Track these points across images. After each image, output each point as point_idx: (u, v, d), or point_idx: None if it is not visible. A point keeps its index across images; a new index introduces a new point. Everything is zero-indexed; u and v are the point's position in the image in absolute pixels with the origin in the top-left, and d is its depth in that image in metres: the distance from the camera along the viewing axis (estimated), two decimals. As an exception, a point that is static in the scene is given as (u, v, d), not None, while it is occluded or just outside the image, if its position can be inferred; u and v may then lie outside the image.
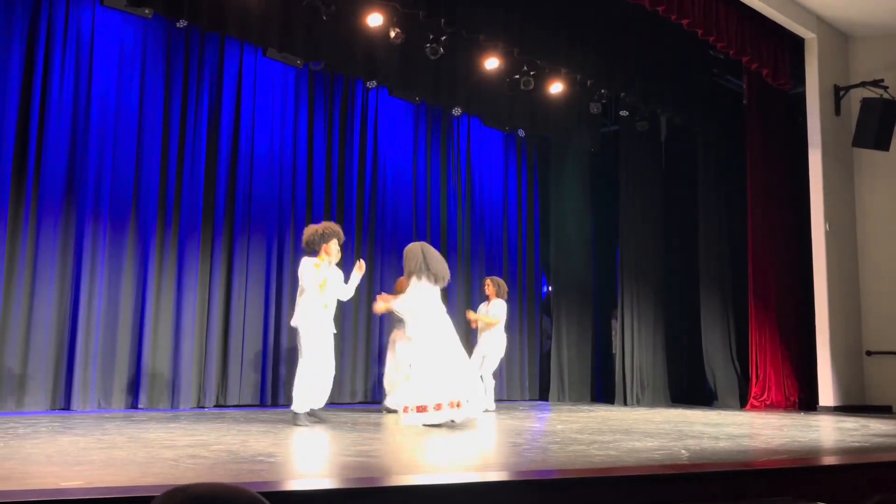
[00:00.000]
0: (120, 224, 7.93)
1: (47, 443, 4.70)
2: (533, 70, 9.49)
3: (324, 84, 9.67)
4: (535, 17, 8.67)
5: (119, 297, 7.85)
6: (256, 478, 3.53)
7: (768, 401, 9.71)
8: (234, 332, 8.56)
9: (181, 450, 4.44)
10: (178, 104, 8.42)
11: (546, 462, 4.36)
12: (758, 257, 9.99)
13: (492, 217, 11.52)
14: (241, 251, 8.71)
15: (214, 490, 1.43)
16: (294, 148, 9.31)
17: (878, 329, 9.89)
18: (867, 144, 9.66)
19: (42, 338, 7.31)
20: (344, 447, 4.97)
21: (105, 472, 3.59)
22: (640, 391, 10.65)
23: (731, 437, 5.89)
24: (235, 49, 8.88)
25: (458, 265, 10.91)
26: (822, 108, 9.83)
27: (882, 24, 10.00)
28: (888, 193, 10.05)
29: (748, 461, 4.52)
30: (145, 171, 8.13)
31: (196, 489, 1.43)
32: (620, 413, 8.83)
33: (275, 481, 3.52)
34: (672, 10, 8.18)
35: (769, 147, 10.18)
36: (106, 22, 7.98)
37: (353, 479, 3.59)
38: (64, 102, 7.65)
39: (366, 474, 3.76)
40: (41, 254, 7.40)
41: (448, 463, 4.44)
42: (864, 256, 10.09)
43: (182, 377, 8.11)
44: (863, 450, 5.10)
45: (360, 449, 4.78)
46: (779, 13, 9.26)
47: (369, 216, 10.01)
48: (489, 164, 11.61)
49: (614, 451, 4.71)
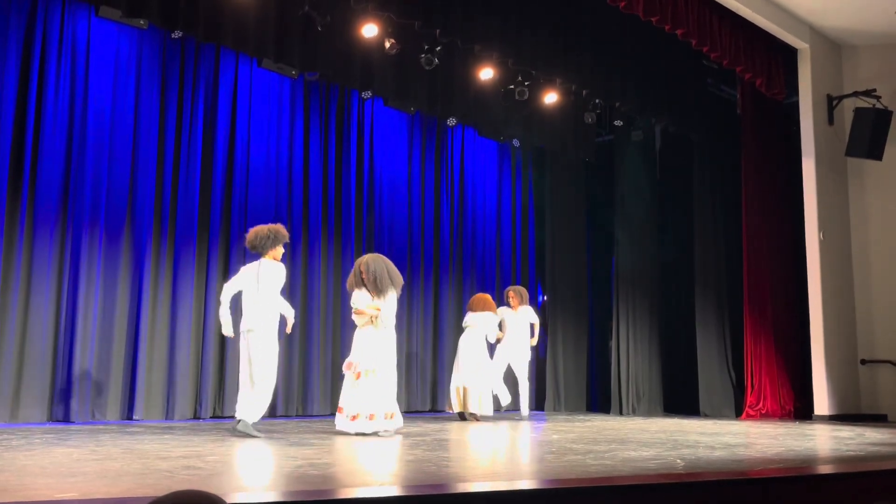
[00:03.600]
0: (115, 234, 7.92)
1: (42, 454, 4.69)
2: (528, 80, 9.53)
3: (319, 94, 9.69)
4: (530, 28, 8.71)
5: (114, 308, 7.83)
6: (251, 488, 3.52)
7: (764, 410, 9.72)
8: (231, 342, 8.53)
9: (176, 461, 4.42)
10: (174, 114, 8.43)
11: (542, 472, 4.36)
12: (753, 266, 10.02)
13: (487, 226, 11.53)
14: (237, 261, 8.68)
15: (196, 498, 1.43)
16: (290, 158, 9.31)
17: (872, 338, 9.92)
18: (860, 154, 9.71)
19: (37, 349, 7.28)
20: (339, 457, 4.96)
21: (99, 484, 3.58)
22: (635, 400, 10.66)
23: (727, 446, 5.89)
24: (231, 59, 8.89)
25: (452, 275, 10.92)
26: (815, 117, 9.88)
27: (875, 35, 10.07)
28: (882, 202, 10.09)
29: (744, 470, 4.52)
30: (141, 181, 8.13)
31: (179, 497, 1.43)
32: (616, 422, 8.83)
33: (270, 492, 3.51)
34: (666, 21, 8.22)
35: (763, 156, 10.22)
36: (101, 32, 7.99)
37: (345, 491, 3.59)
38: (59, 112, 7.65)
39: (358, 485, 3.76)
40: (36, 263, 7.38)
41: (444, 473, 4.43)
42: (858, 265, 10.13)
43: (178, 388, 8.08)
44: (858, 458, 5.10)
45: (355, 459, 4.78)
46: (772, 23, 9.32)
47: (366, 226, 10.02)
48: (484, 173, 11.63)
49: (610, 461, 4.71)
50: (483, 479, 4.28)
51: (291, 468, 4.30)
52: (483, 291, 9.99)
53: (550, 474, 4.24)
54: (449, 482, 3.98)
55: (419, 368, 10.35)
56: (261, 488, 3.61)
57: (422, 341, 10.44)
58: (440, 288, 10.76)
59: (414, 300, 10.38)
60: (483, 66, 9.21)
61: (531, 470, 4.45)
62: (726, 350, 10.53)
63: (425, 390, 10.39)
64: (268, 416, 8.57)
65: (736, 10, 8.93)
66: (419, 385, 10.30)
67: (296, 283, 9.11)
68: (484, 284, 11.19)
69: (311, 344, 9.16)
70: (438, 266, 10.80)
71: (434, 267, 10.74)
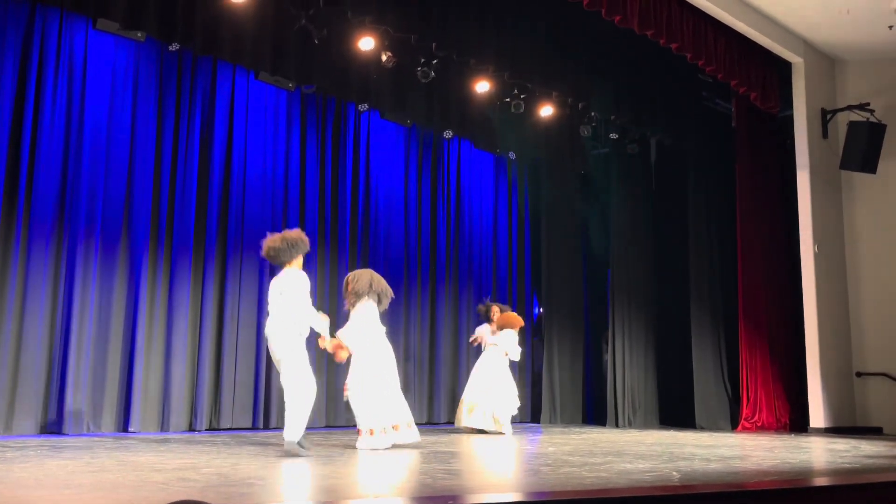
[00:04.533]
0: (111, 246, 7.91)
1: (36, 466, 4.67)
2: (523, 93, 9.57)
3: (316, 107, 9.71)
4: (526, 41, 8.76)
5: (110, 320, 7.81)
6: (246, 501, 3.51)
7: (759, 422, 9.72)
8: (227, 354, 8.53)
9: (171, 473, 4.41)
10: (171, 126, 8.44)
11: (538, 484, 4.36)
12: (748, 278, 10.04)
13: (482, 239, 11.54)
14: (233, 273, 8.70)
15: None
16: (286, 170, 9.33)
17: (867, 350, 9.94)
18: (854, 167, 9.75)
19: (32, 360, 7.26)
20: (333, 470, 4.95)
21: (94, 496, 3.57)
22: (631, 413, 10.65)
23: (723, 458, 5.89)
24: (227, 72, 8.91)
25: (448, 286, 10.92)
26: (809, 130, 9.93)
27: (868, 49, 10.13)
28: (876, 215, 10.13)
29: (739, 482, 4.53)
30: (137, 193, 8.13)
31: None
32: (612, 435, 8.82)
33: (265, 504, 3.50)
34: (661, 34, 8.27)
35: (758, 169, 10.26)
36: (98, 45, 8.01)
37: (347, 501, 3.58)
38: (56, 124, 7.66)
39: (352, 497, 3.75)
40: (32, 274, 7.37)
41: (440, 485, 4.43)
42: (852, 278, 10.16)
43: (173, 400, 8.06)
44: (854, 471, 5.11)
45: (347, 471, 4.77)
46: (766, 38, 9.37)
47: (361, 238, 10.03)
48: (480, 186, 11.66)
49: (605, 473, 4.71)
50: (478, 490, 4.27)
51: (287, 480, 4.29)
52: (481, 303, 9.95)
53: (546, 486, 4.24)
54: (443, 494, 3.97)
55: (416, 380, 10.32)
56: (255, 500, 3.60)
57: (418, 353, 10.41)
58: (436, 299, 10.75)
59: (411, 311, 10.37)
60: (479, 79, 9.24)
61: (527, 482, 4.45)
62: (722, 362, 10.54)
63: (422, 402, 10.36)
64: (262, 427, 8.59)
65: (731, 25, 8.99)
66: (415, 396, 10.27)
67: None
68: (481, 296, 11.19)
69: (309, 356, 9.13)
70: (434, 277, 10.79)
71: (430, 278, 10.74)
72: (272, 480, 4.41)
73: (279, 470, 4.91)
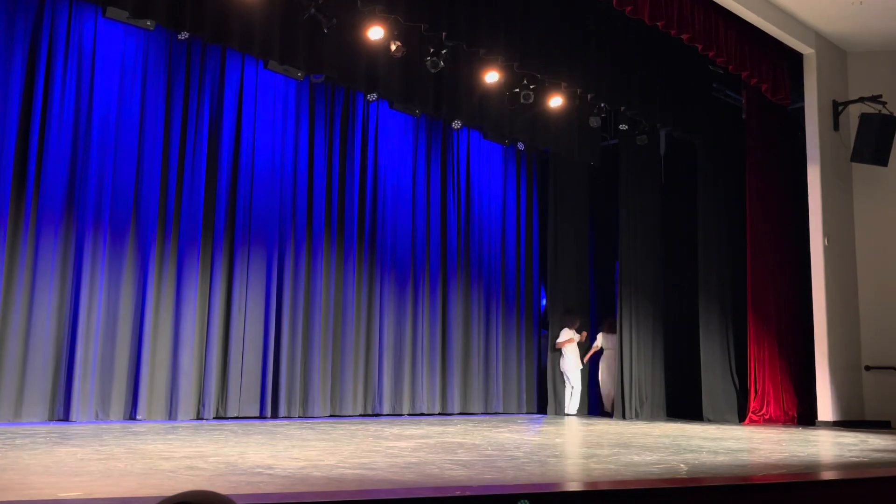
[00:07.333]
0: (120, 235, 7.94)
1: (45, 454, 4.70)
2: (533, 84, 9.53)
3: (324, 96, 9.70)
4: (536, 32, 8.71)
5: (118, 309, 7.84)
6: (254, 489, 3.52)
7: (767, 415, 9.70)
8: (234, 343, 8.55)
9: (179, 461, 4.43)
10: (179, 116, 8.45)
11: (544, 475, 4.36)
12: (757, 271, 10.00)
13: (490, 230, 11.53)
14: (241, 263, 8.72)
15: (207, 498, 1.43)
16: (294, 160, 9.33)
17: (876, 344, 9.90)
18: (865, 159, 9.70)
19: (41, 348, 7.30)
20: (342, 459, 4.96)
21: (103, 483, 3.59)
22: (638, 405, 10.65)
23: (730, 451, 5.88)
24: (236, 61, 8.91)
25: (459, 277, 10.91)
26: (820, 123, 9.87)
27: (880, 41, 10.06)
28: (887, 208, 10.08)
29: (747, 475, 4.52)
30: (145, 183, 8.14)
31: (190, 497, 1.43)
32: (619, 427, 8.82)
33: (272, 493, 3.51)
34: (672, 25, 8.23)
35: (768, 161, 10.21)
36: (107, 34, 8.02)
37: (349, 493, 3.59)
38: (65, 113, 7.67)
39: (362, 487, 3.76)
40: (40, 265, 7.40)
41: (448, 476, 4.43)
42: (862, 271, 10.11)
43: (181, 388, 8.09)
44: (862, 465, 5.09)
45: (358, 461, 4.78)
46: (778, 29, 9.31)
47: (369, 228, 10.03)
48: (488, 176, 11.64)
49: (613, 465, 4.71)
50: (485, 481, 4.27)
51: (294, 469, 4.30)
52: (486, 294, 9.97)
53: (553, 478, 4.23)
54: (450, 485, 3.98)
55: (425, 371, 10.32)
56: (263, 489, 3.61)
57: (427, 344, 10.41)
58: (445, 290, 10.74)
59: (418, 301, 10.37)
60: (488, 69, 9.21)
61: (534, 473, 4.45)
62: (730, 355, 10.52)
63: (433, 393, 10.38)
64: (270, 417, 8.62)
65: (742, 16, 8.93)
66: (426, 388, 10.28)
67: (299, 285, 9.12)
68: (490, 288, 11.20)
69: (313, 347, 9.16)
70: (443, 268, 10.79)
71: (439, 269, 10.73)
72: (279, 469, 4.42)
73: (286, 459, 4.92)
